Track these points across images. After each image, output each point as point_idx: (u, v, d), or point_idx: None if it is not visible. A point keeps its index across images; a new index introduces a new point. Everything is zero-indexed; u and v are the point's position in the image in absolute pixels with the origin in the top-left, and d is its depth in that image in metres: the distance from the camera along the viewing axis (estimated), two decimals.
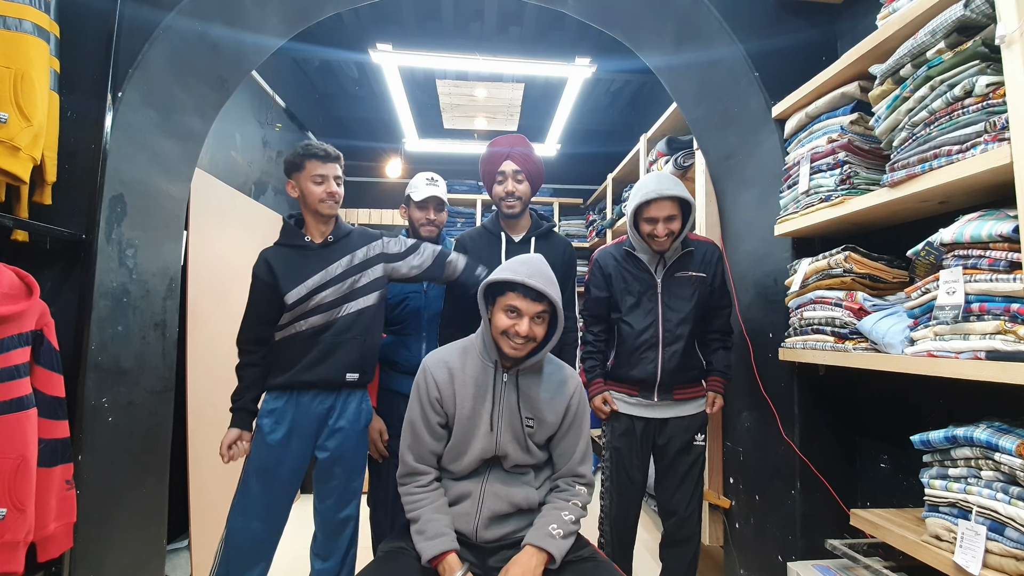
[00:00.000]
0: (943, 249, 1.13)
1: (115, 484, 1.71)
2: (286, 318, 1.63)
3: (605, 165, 4.15)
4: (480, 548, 1.38)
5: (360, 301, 1.67)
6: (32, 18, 1.45)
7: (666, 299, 1.83)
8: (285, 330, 1.64)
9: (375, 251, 1.73)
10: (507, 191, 1.85)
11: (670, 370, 1.80)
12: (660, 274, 1.84)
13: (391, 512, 1.85)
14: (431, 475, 1.42)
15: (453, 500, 1.41)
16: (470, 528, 1.36)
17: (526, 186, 1.87)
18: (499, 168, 1.87)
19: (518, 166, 1.86)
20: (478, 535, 1.36)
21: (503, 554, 1.36)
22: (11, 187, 1.52)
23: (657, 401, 1.83)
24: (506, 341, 1.35)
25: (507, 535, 1.38)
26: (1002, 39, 0.98)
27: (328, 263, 1.66)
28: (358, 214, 4.28)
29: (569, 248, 1.99)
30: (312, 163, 1.65)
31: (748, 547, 1.97)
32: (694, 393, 1.86)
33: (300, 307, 1.61)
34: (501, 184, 1.87)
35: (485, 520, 1.37)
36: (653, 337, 1.81)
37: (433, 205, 1.98)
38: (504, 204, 1.87)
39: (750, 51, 1.90)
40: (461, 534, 1.36)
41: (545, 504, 1.42)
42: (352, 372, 1.65)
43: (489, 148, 1.93)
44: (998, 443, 0.99)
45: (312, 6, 2.15)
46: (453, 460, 1.42)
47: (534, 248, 1.91)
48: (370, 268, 1.70)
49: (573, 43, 3.61)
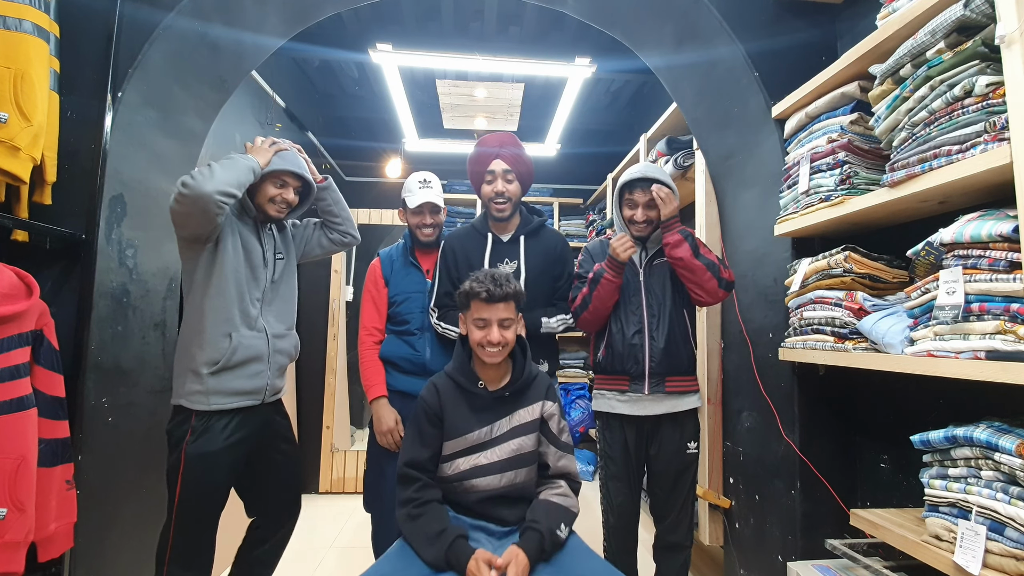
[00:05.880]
0: (943, 249, 1.13)
1: (115, 484, 1.71)
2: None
3: (605, 165, 4.15)
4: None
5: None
6: (32, 18, 1.45)
7: (649, 285, 1.83)
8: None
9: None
10: (496, 191, 1.83)
11: (658, 353, 1.78)
12: (643, 262, 1.85)
13: (391, 512, 1.86)
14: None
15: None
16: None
17: (516, 186, 1.85)
18: (488, 167, 1.84)
19: (508, 165, 1.83)
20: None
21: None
22: (11, 187, 1.52)
23: (648, 393, 1.78)
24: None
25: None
26: (1002, 39, 0.98)
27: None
28: (358, 214, 4.27)
29: (562, 242, 1.96)
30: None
31: (748, 547, 1.97)
32: (687, 386, 1.83)
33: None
34: (490, 184, 1.84)
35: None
36: (639, 323, 1.81)
37: (428, 210, 1.97)
38: (493, 205, 1.84)
39: (750, 51, 1.90)
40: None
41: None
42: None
43: (478, 147, 1.89)
44: (998, 443, 0.99)
45: (312, 6, 2.15)
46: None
47: (523, 247, 1.87)
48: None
49: (573, 43, 3.61)
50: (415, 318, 1.94)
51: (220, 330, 1.56)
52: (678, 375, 1.81)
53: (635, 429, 1.81)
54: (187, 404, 1.54)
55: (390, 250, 2.07)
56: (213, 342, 1.55)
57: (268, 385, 1.65)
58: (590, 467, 4.13)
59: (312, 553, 2.71)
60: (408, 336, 1.94)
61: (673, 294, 1.82)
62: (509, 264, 1.86)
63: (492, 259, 1.85)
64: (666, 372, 1.79)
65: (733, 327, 2.08)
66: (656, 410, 1.80)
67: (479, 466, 1.45)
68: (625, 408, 1.81)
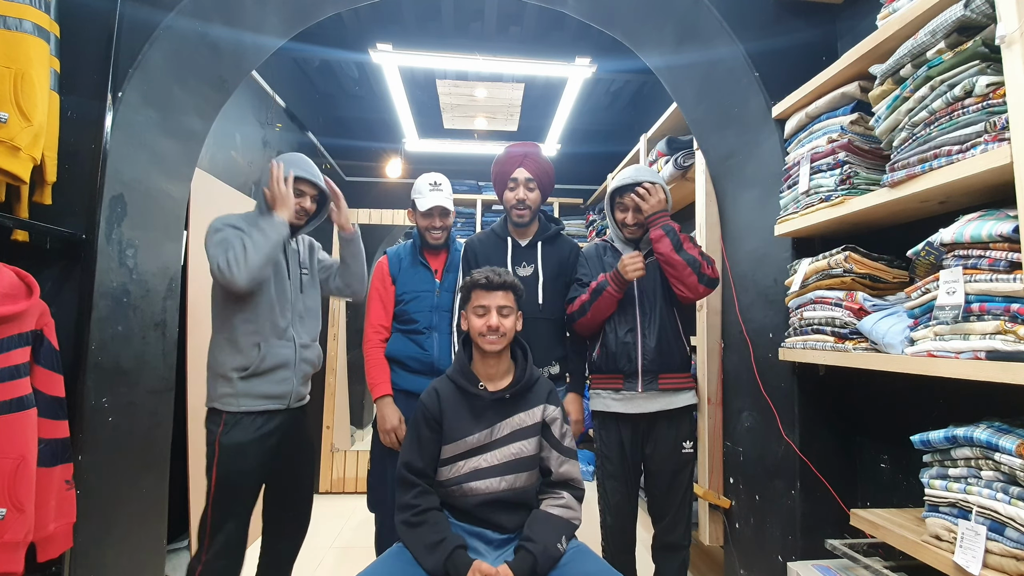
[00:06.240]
0: (943, 249, 1.13)
1: (115, 484, 1.71)
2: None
3: (605, 165, 4.15)
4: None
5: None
6: (32, 18, 1.45)
7: (641, 284, 1.86)
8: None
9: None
10: (518, 198, 1.91)
11: (651, 350, 1.80)
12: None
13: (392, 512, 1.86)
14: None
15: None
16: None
17: (537, 194, 1.93)
18: (512, 174, 1.92)
19: (531, 174, 1.91)
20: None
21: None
22: (11, 187, 1.52)
23: (642, 391, 1.80)
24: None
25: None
26: (1002, 39, 0.98)
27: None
28: (358, 214, 4.28)
29: (576, 250, 2.03)
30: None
31: (748, 547, 1.97)
32: (681, 383, 1.84)
33: None
34: (513, 191, 1.92)
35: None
36: (632, 321, 1.83)
37: (438, 214, 1.99)
38: (514, 212, 1.93)
39: (750, 51, 1.90)
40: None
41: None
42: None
43: (504, 152, 1.98)
44: (998, 443, 0.99)
45: (312, 6, 2.15)
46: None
47: (540, 251, 1.95)
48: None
49: (573, 43, 3.61)
50: (423, 317, 1.94)
51: (250, 340, 1.66)
52: (671, 372, 1.83)
53: (630, 428, 1.83)
54: (219, 406, 1.65)
55: (398, 248, 2.08)
56: (243, 351, 1.65)
57: (293, 391, 1.74)
58: (590, 467, 4.12)
59: (312, 553, 2.70)
60: (416, 335, 1.94)
61: (664, 292, 1.85)
62: (527, 267, 1.93)
63: (513, 262, 1.93)
64: (659, 369, 1.81)
65: (733, 327, 2.08)
66: (650, 407, 1.82)
67: (479, 469, 1.45)
68: (620, 407, 1.83)
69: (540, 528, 1.40)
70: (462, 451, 1.45)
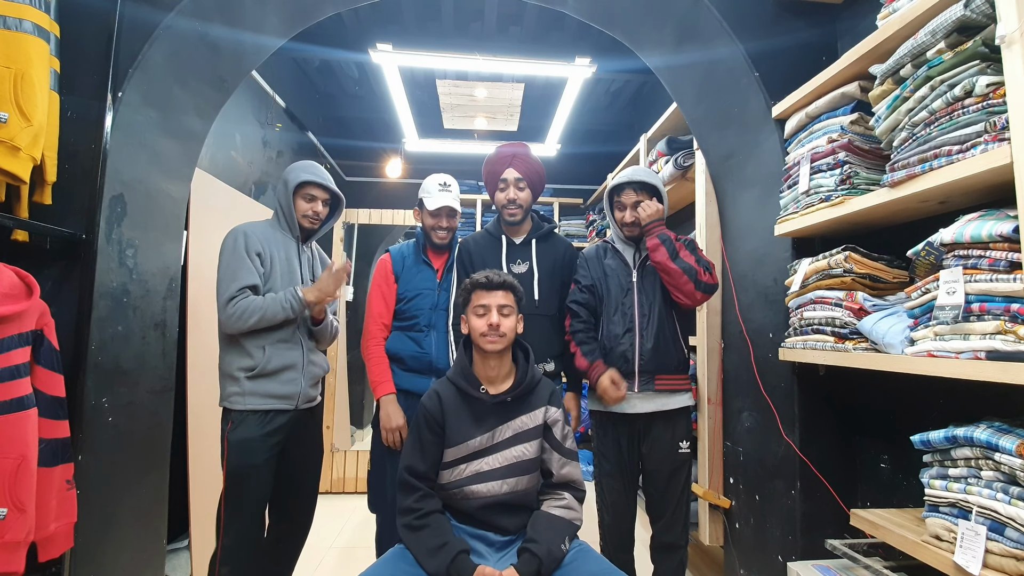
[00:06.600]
0: (943, 249, 1.13)
1: (115, 484, 1.71)
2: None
3: (605, 165, 4.15)
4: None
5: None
6: (32, 18, 1.45)
7: (641, 285, 1.88)
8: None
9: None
10: (509, 199, 1.93)
11: (648, 351, 1.81)
12: (636, 262, 1.91)
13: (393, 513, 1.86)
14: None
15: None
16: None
17: (527, 193, 1.95)
18: (502, 175, 1.94)
19: (520, 174, 1.93)
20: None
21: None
22: (11, 187, 1.52)
23: (639, 391, 1.81)
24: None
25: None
26: (1002, 39, 0.98)
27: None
28: (358, 214, 4.28)
29: (570, 249, 2.04)
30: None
31: (748, 547, 1.97)
32: (677, 384, 1.85)
33: None
34: (503, 192, 1.94)
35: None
36: (630, 322, 1.84)
37: (445, 214, 2.00)
38: (506, 211, 1.95)
39: (750, 51, 1.90)
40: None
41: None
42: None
43: (494, 152, 1.99)
44: (998, 443, 0.99)
45: (312, 6, 2.15)
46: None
47: (534, 250, 1.96)
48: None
49: (573, 43, 3.61)
50: (424, 315, 1.95)
51: (256, 343, 1.71)
52: (668, 374, 1.84)
53: (627, 428, 1.84)
54: (228, 405, 1.71)
55: (401, 247, 2.09)
56: (250, 352, 1.70)
57: (301, 393, 1.77)
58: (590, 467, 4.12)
59: (312, 553, 2.70)
60: (415, 333, 1.94)
61: (663, 294, 1.86)
62: (522, 264, 1.94)
63: (508, 260, 1.95)
64: (655, 370, 1.82)
65: (733, 327, 2.08)
66: (646, 408, 1.82)
67: (480, 472, 1.45)
68: (616, 406, 1.83)
69: (543, 529, 1.40)
70: (464, 454, 1.45)
